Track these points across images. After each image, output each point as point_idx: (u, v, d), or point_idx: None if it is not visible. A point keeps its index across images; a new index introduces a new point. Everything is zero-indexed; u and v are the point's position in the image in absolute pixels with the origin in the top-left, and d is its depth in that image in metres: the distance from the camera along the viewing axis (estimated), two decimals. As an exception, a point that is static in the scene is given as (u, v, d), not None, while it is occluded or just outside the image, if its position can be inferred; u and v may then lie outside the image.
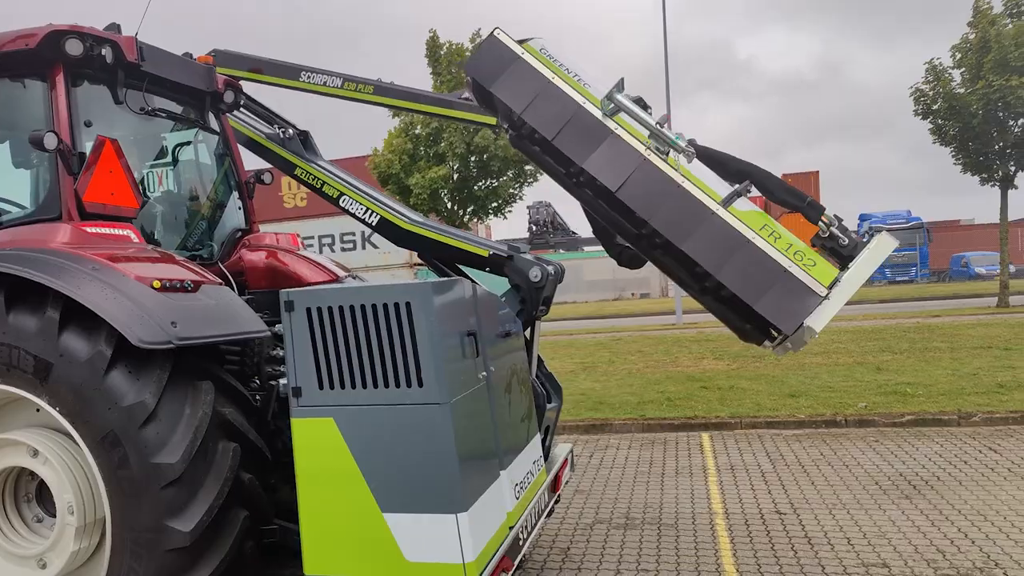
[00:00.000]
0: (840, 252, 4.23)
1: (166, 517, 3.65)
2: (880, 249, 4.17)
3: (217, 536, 3.80)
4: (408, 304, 3.46)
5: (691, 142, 4.35)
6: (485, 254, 5.20)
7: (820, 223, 4.23)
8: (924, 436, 8.69)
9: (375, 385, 3.52)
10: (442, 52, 19.38)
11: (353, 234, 29.58)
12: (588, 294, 48.71)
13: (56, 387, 3.75)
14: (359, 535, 3.53)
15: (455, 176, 18.81)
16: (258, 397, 4.52)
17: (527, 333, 5.08)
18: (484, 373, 3.97)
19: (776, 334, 4.27)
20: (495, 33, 4.57)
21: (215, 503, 3.73)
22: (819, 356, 13.69)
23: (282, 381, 4.69)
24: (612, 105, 4.36)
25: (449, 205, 19.47)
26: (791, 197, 4.37)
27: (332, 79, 5.88)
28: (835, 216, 4.26)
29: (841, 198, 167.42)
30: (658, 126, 4.25)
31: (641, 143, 4.33)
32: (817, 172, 54.24)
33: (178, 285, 3.93)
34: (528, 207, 52.23)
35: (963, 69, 21.03)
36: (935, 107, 21.52)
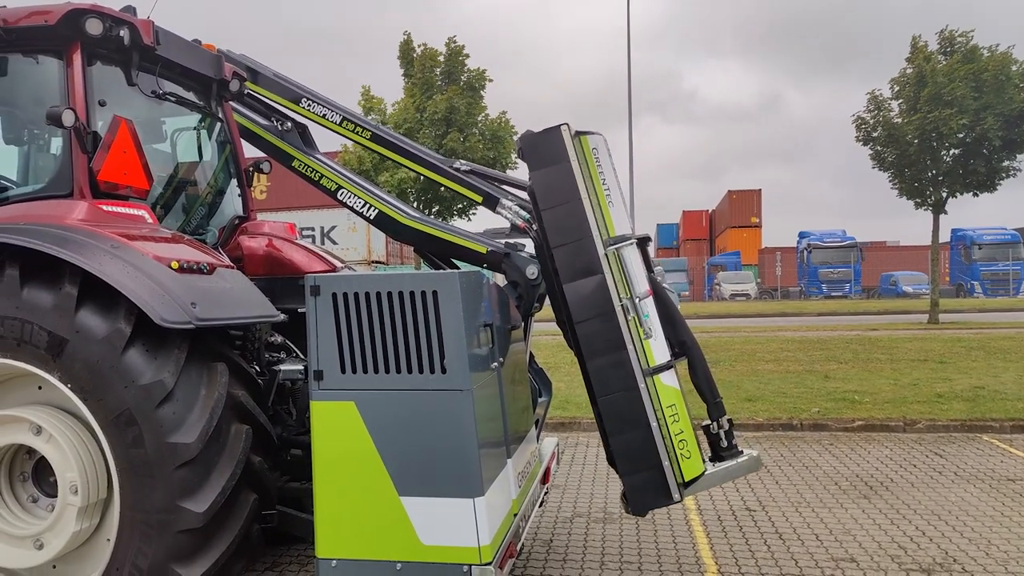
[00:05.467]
0: (717, 449, 4.73)
1: (179, 497, 3.65)
2: (746, 465, 4.72)
3: (227, 518, 3.81)
4: (435, 292, 3.56)
5: (659, 292, 4.61)
6: (483, 251, 5.30)
7: (715, 423, 4.72)
8: (874, 441, 9.10)
9: (398, 370, 3.59)
10: (415, 55, 19.36)
11: (312, 229, 29.18)
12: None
13: (69, 364, 3.71)
14: (375, 518, 3.59)
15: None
16: (260, 382, 4.53)
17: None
18: (496, 363, 4.08)
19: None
20: (562, 127, 4.67)
21: (228, 484, 3.74)
22: (771, 363, 14.12)
23: (283, 367, 4.74)
24: (614, 246, 4.52)
25: (416, 205, 19.46)
26: (707, 389, 4.78)
27: (332, 113, 5.74)
28: (728, 421, 4.74)
29: (780, 215, 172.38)
30: (638, 299, 4.43)
31: (619, 295, 4.46)
32: (760, 190, 55.73)
33: (195, 267, 3.94)
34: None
35: (901, 100, 21.94)
36: (875, 135, 22.39)
